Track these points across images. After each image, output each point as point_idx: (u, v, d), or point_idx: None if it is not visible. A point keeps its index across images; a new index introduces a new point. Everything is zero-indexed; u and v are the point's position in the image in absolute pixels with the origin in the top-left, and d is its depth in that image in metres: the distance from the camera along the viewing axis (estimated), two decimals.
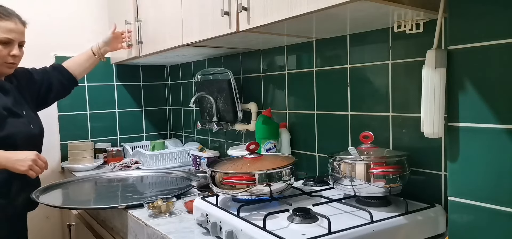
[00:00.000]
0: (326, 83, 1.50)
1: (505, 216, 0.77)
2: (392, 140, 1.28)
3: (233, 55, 1.98)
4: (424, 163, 1.19)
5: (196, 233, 1.14)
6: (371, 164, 1.07)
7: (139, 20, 1.93)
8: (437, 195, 1.16)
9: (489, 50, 0.78)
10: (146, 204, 1.32)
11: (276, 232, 0.93)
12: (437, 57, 0.86)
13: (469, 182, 0.83)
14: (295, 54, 1.63)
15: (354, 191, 1.11)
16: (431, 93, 0.87)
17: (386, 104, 1.28)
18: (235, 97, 1.80)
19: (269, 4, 1.13)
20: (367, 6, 0.96)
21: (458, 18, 0.83)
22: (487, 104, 0.79)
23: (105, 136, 2.46)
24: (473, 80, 0.81)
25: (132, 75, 2.55)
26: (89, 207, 1.71)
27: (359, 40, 1.36)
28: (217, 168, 1.17)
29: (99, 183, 1.87)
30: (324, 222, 0.97)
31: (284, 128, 1.65)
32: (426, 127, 0.90)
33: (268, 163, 1.15)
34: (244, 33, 1.29)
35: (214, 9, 1.35)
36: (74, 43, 2.30)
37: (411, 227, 1.02)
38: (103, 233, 1.67)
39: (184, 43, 1.58)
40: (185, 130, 2.54)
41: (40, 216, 2.25)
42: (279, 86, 1.72)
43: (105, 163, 2.27)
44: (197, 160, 2.03)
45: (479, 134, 0.80)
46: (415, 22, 1.15)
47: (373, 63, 1.32)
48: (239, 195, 1.12)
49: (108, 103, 2.48)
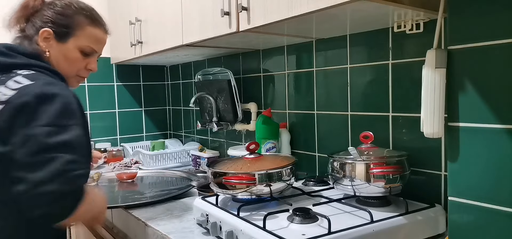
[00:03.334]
0: (326, 83, 1.50)
1: (505, 216, 0.77)
2: (392, 140, 1.28)
3: (233, 55, 1.98)
4: (424, 163, 1.19)
5: (196, 233, 1.14)
6: (371, 164, 1.07)
7: (139, 20, 1.93)
8: (437, 195, 1.16)
9: (489, 50, 0.78)
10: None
11: (276, 232, 0.93)
12: (437, 57, 0.86)
13: (469, 182, 0.83)
14: (295, 54, 1.63)
15: (354, 191, 1.11)
16: (431, 93, 0.87)
17: (386, 104, 1.28)
18: (235, 97, 1.80)
19: (269, 4, 1.13)
20: (367, 6, 0.96)
21: (458, 18, 0.83)
22: (487, 104, 0.79)
23: (105, 136, 2.46)
24: (473, 80, 0.81)
25: (132, 75, 2.55)
26: None
27: (359, 40, 1.36)
28: (217, 168, 1.17)
29: (99, 183, 1.86)
30: (324, 222, 0.97)
31: (284, 128, 1.65)
32: (426, 127, 0.90)
33: (268, 163, 1.15)
34: (244, 33, 1.29)
35: (214, 9, 1.35)
36: None
37: (411, 227, 1.02)
38: (103, 233, 1.67)
39: (184, 43, 1.58)
40: (185, 130, 2.54)
41: None
42: (279, 86, 1.72)
43: (105, 163, 2.27)
44: (197, 160, 2.03)
45: (479, 134, 0.80)
46: (415, 22, 1.15)
47: (373, 63, 1.32)
48: (239, 195, 1.12)
49: (108, 103, 2.48)
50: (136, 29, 1.95)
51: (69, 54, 1.13)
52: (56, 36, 1.11)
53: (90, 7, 1.19)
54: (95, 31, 1.17)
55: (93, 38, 1.17)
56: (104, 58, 2.40)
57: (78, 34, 1.14)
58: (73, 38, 1.13)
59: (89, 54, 1.17)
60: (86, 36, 1.15)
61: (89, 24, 1.16)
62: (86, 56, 1.17)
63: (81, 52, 1.15)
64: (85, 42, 1.15)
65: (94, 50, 1.18)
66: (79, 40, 1.14)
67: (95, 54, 1.20)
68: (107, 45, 2.60)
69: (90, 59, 1.19)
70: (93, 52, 1.18)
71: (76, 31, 1.13)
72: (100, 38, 1.20)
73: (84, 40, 1.14)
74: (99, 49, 1.21)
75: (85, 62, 1.18)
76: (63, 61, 1.13)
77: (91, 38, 1.16)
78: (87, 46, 1.15)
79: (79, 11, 1.14)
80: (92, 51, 1.17)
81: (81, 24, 1.14)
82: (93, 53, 1.18)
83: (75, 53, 1.14)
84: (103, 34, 1.21)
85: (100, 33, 1.19)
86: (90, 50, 1.17)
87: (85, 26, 1.15)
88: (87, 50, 1.16)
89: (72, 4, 1.14)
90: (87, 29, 1.15)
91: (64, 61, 1.13)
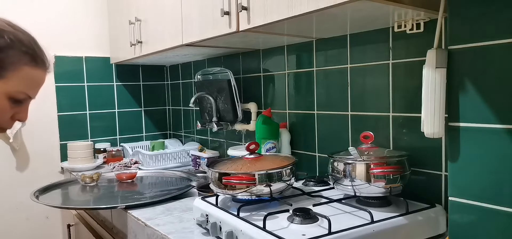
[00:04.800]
0: (326, 83, 1.50)
1: (505, 216, 0.77)
2: (393, 140, 1.27)
3: (233, 55, 1.98)
4: (425, 163, 1.19)
5: (196, 233, 1.14)
6: (372, 164, 1.07)
7: (138, 20, 1.93)
8: (437, 195, 1.16)
9: (489, 50, 0.78)
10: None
11: (276, 232, 0.93)
12: (437, 57, 0.86)
13: (469, 182, 0.83)
14: (295, 54, 1.63)
15: (354, 191, 1.11)
16: (431, 93, 0.87)
17: (386, 104, 1.28)
18: (235, 97, 1.80)
19: (269, 4, 1.13)
20: (367, 6, 0.96)
21: (458, 18, 0.82)
22: (487, 104, 0.79)
23: (104, 136, 2.46)
24: (473, 80, 0.81)
25: (132, 75, 2.55)
26: (89, 207, 1.71)
27: (359, 40, 1.36)
28: (217, 168, 1.17)
29: (99, 183, 1.86)
30: (324, 222, 0.96)
31: (284, 128, 1.65)
32: (426, 127, 0.90)
33: (268, 163, 1.15)
34: (244, 33, 1.29)
35: (214, 9, 1.35)
36: (74, 43, 2.31)
37: (411, 227, 1.02)
38: (103, 233, 1.67)
39: (184, 43, 1.58)
40: (185, 130, 2.53)
41: (40, 216, 2.25)
42: (279, 86, 1.72)
43: (105, 163, 2.27)
44: (197, 160, 2.03)
45: (479, 134, 0.80)
46: (415, 22, 1.15)
47: (373, 63, 1.32)
48: (239, 195, 1.12)
49: (108, 103, 2.47)
50: (136, 29, 1.95)
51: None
52: None
53: (32, 38, 0.88)
54: (34, 72, 0.86)
55: (29, 81, 0.86)
56: (103, 58, 2.40)
57: (10, 76, 0.83)
58: (1, 80, 0.82)
59: (21, 102, 0.87)
60: (20, 78, 0.84)
61: (28, 63, 0.85)
62: (15, 103, 0.87)
63: (9, 99, 0.85)
64: (18, 86, 0.84)
65: (28, 97, 0.88)
66: (10, 83, 0.83)
67: (28, 101, 0.90)
68: (107, 45, 2.61)
69: (21, 107, 0.89)
70: (26, 99, 0.88)
71: (7, 72, 0.82)
72: (39, 81, 0.89)
73: (17, 84, 0.84)
74: (35, 94, 0.90)
75: (13, 111, 0.88)
76: None
77: (27, 81, 0.85)
78: (20, 92, 0.85)
79: (15, 45, 0.83)
80: (26, 97, 0.87)
81: (16, 63, 0.83)
82: (26, 100, 0.88)
83: (2, 100, 0.84)
84: (43, 75, 0.90)
85: (40, 74, 0.88)
86: (24, 96, 0.87)
87: (22, 66, 0.84)
88: (20, 96, 0.86)
89: (4, 32, 0.82)
90: (24, 70, 0.84)
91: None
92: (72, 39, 2.30)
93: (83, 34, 2.34)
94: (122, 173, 1.87)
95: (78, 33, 2.33)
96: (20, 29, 0.86)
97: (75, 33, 2.32)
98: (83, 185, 1.79)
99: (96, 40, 2.40)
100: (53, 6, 2.27)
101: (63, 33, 2.29)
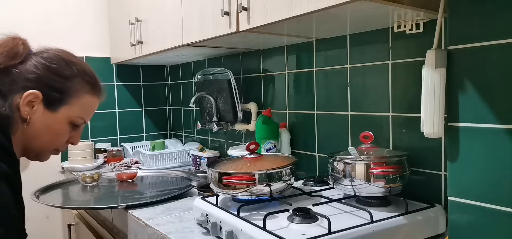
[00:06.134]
0: (326, 83, 1.50)
1: (505, 216, 0.77)
2: (392, 140, 1.28)
3: (233, 55, 1.98)
4: (424, 163, 1.19)
5: (196, 233, 1.14)
6: (371, 164, 1.07)
7: (139, 20, 1.93)
8: (437, 195, 1.16)
9: (489, 50, 0.78)
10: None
11: (276, 232, 0.93)
12: (437, 57, 0.86)
13: (469, 182, 0.83)
14: (295, 54, 1.63)
15: (354, 191, 1.11)
16: (431, 93, 0.87)
17: (386, 104, 1.28)
18: (235, 97, 1.80)
19: (269, 4, 1.13)
20: (367, 6, 0.96)
21: (458, 18, 0.83)
22: (487, 104, 0.79)
23: (105, 136, 2.46)
24: (473, 80, 0.81)
25: (132, 75, 2.55)
26: (89, 207, 1.71)
27: (359, 40, 1.36)
28: (217, 168, 1.17)
29: (99, 183, 1.86)
30: (324, 222, 0.97)
31: (284, 128, 1.65)
32: (426, 127, 0.90)
33: (268, 163, 1.15)
34: (244, 33, 1.29)
35: (214, 9, 1.35)
36: (74, 43, 2.31)
37: (411, 227, 1.02)
38: (103, 233, 1.67)
39: (184, 43, 1.58)
40: (185, 130, 2.54)
41: (40, 216, 2.25)
42: (279, 86, 1.72)
43: (105, 163, 2.27)
44: (197, 160, 2.03)
45: (479, 134, 0.80)
46: (415, 22, 1.15)
47: (373, 63, 1.32)
48: (239, 195, 1.12)
49: (108, 103, 2.47)
50: (136, 29, 1.95)
51: (55, 126, 0.90)
52: (45, 101, 0.87)
53: (92, 70, 0.98)
54: (92, 99, 0.96)
55: (88, 108, 0.96)
56: (104, 58, 2.40)
57: (73, 103, 0.91)
58: (65, 106, 0.90)
59: (78, 126, 0.95)
60: (81, 105, 0.93)
61: (89, 92, 0.94)
62: (73, 128, 0.94)
63: (69, 123, 0.92)
64: (78, 112, 0.92)
65: (84, 122, 0.96)
66: (73, 109, 0.91)
67: (83, 126, 0.98)
68: (107, 45, 2.61)
69: (76, 132, 0.96)
70: (82, 124, 0.96)
71: (72, 99, 0.91)
72: (95, 107, 0.99)
73: (78, 110, 0.92)
74: (89, 119, 0.99)
75: (70, 135, 0.95)
76: (45, 134, 0.89)
77: (86, 107, 0.95)
78: (79, 117, 0.93)
79: (80, 74, 0.92)
80: (82, 122, 0.96)
81: (80, 91, 0.92)
82: (81, 124, 0.96)
83: (64, 125, 0.92)
84: (98, 102, 1.00)
85: (96, 101, 0.99)
86: (81, 121, 0.95)
87: (84, 94, 0.93)
88: (78, 121, 0.94)
89: (73, 63, 0.92)
90: (85, 98, 0.93)
91: (46, 133, 0.89)
92: (72, 39, 2.30)
93: (84, 34, 2.34)
94: (123, 173, 1.88)
95: (79, 33, 2.33)
96: (80, 60, 0.96)
97: (75, 33, 2.32)
98: (84, 185, 1.79)
99: (97, 40, 2.40)
100: (53, 6, 2.27)
101: (64, 33, 2.30)
